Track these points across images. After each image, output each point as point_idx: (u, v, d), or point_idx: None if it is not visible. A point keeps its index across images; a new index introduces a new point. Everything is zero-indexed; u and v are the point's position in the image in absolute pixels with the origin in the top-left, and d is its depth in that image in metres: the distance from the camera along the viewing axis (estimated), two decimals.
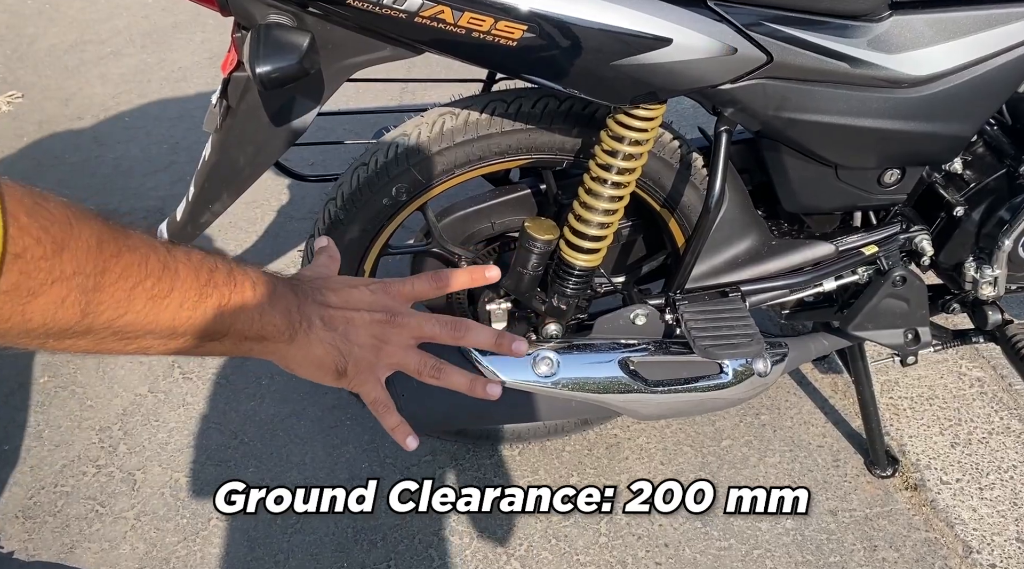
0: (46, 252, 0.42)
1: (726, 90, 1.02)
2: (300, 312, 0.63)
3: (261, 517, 1.47)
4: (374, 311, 0.67)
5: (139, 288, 0.49)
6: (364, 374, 0.68)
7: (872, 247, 1.27)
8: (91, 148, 2.47)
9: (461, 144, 1.16)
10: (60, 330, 0.46)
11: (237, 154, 1.09)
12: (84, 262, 0.45)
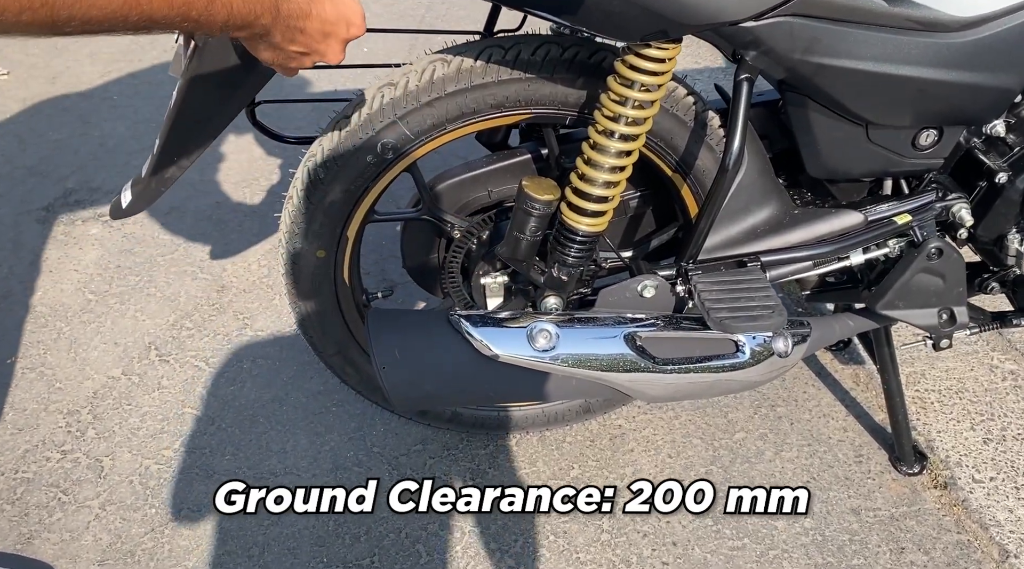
0: None
1: (748, 28, 0.91)
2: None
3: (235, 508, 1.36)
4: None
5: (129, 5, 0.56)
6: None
7: (905, 216, 1.16)
8: (76, 126, 2.37)
9: (453, 94, 1.05)
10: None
11: (204, 98, 0.98)
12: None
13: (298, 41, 0.76)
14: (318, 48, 0.78)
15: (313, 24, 0.75)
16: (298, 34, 0.76)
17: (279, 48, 0.77)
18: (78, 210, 2.04)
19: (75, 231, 1.97)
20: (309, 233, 1.15)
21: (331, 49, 0.79)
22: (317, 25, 0.76)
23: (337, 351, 1.30)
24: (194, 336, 1.69)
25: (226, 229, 1.98)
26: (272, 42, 0.75)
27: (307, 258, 1.18)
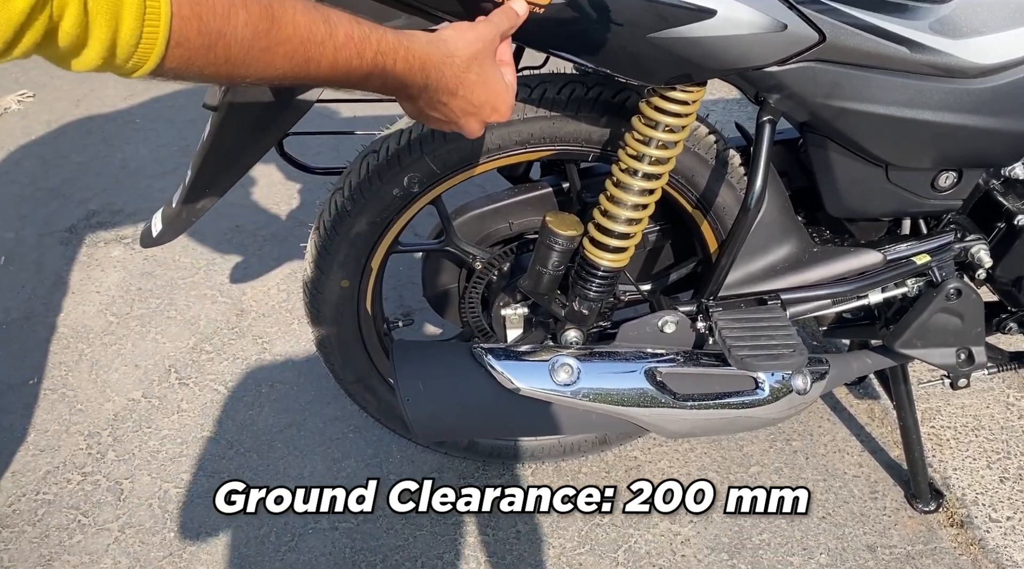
0: (205, 42, 0.53)
1: (772, 73, 0.93)
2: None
3: (253, 534, 1.37)
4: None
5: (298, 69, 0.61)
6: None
7: (923, 256, 1.17)
8: (99, 148, 2.41)
9: None
10: None
11: (237, 133, 1.00)
12: (243, 50, 0.56)
13: (440, 111, 0.78)
14: (458, 122, 0.80)
15: (458, 103, 0.77)
16: (441, 106, 0.77)
17: (421, 111, 0.78)
18: (100, 232, 2.07)
19: (97, 253, 2.00)
20: (334, 263, 1.17)
21: (470, 126, 0.81)
22: (462, 104, 0.78)
23: (357, 379, 1.32)
24: (213, 360, 1.71)
25: (246, 253, 2.00)
26: (416, 105, 0.77)
27: (331, 287, 1.20)
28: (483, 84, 0.78)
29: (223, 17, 0.53)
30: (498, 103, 0.80)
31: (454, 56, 0.74)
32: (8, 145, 2.38)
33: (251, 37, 0.56)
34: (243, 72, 0.57)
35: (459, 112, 0.78)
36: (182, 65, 0.53)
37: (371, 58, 0.66)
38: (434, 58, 0.72)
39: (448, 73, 0.74)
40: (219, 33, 0.54)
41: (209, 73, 0.55)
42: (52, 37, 0.47)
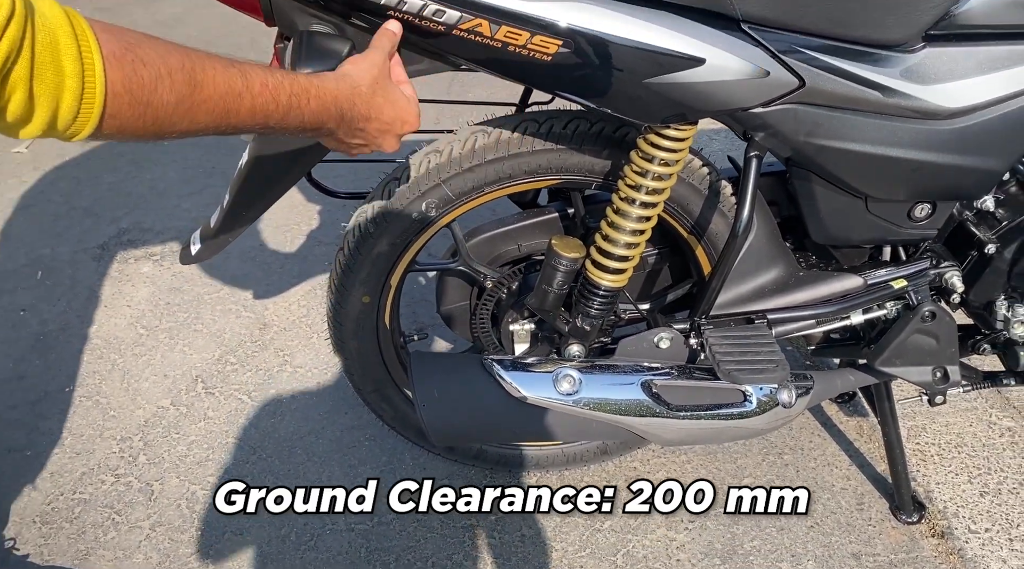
0: (136, 111, 0.61)
1: (757, 114, 1.03)
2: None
3: (275, 533, 1.47)
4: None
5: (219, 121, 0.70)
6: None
7: (901, 281, 1.26)
8: (129, 169, 2.52)
9: (492, 162, 1.17)
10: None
11: (273, 161, 1.11)
12: (168, 113, 0.63)
13: (359, 137, 0.88)
14: (376, 142, 0.90)
15: (372, 125, 0.87)
16: (359, 132, 0.87)
17: (342, 141, 0.88)
18: (131, 249, 2.18)
19: (128, 269, 2.11)
20: (357, 280, 1.27)
21: (387, 143, 0.91)
22: (376, 126, 0.88)
23: (375, 389, 1.41)
24: (238, 370, 1.81)
25: (269, 271, 2.11)
26: (336, 138, 0.87)
27: (353, 302, 1.30)
28: (390, 103, 0.88)
29: (151, 89, 0.61)
30: (406, 116, 0.91)
31: (360, 86, 0.84)
32: (44, 166, 2.51)
33: (175, 102, 0.64)
34: (170, 130, 0.66)
35: (376, 133, 0.89)
36: (115, 131, 0.61)
37: (286, 101, 0.75)
38: (344, 91, 0.82)
39: (359, 102, 0.84)
40: (147, 103, 0.61)
41: (140, 134, 0.64)
42: (1, 116, 0.55)
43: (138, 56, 0.61)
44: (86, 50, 0.57)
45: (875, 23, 1.00)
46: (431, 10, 0.90)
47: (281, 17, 0.96)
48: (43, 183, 2.44)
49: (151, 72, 0.61)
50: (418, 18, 0.91)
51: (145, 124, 0.63)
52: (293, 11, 0.95)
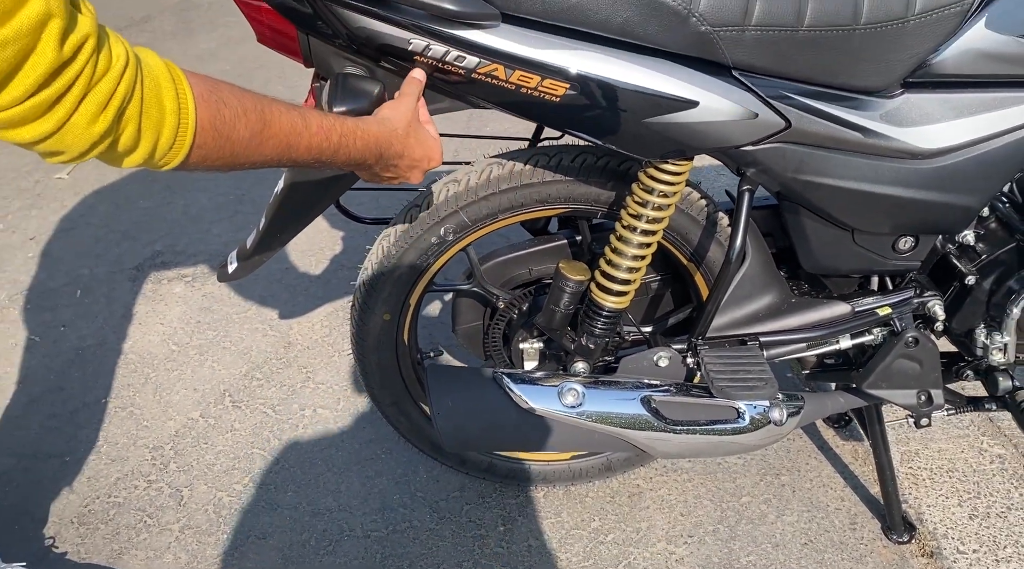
0: (218, 144, 0.73)
1: (748, 151, 1.13)
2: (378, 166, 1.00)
3: (295, 538, 1.55)
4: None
5: (282, 155, 0.82)
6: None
7: (886, 309, 1.35)
8: (163, 195, 2.66)
9: (506, 191, 1.28)
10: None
11: (306, 189, 1.22)
12: (243, 147, 0.76)
13: (391, 171, 1.02)
14: (405, 176, 1.04)
15: (404, 161, 1.01)
16: (392, 167, 1.01)
17: (377, 174, 1.02)
18: (164, 271, 2.30)
19: (161, 289, 2.23)
20: (379, 299, 1.37)
21: (414, 176, 1.05)
22: (407, 162, 1.01)
23: (393, 402, 1.51)
24: (263, 386, 1.91)
25: (294, 292, 2.22)
26: (373, 171, 1.01)
27: (375, 320, 1.40)
28: (420, 143, 1.02)
29: (231, 125, 0.74)
30: (432, 154, 1.04)
31: (397, 129, 0.97)
32: (84, 190, 2.64)
33: (249, 137, 0.76)
34: (243, 161, 0.78)
35: (406, 168, 1.02)
36: (199, 160, 0.73)
37: (336, 141, 0.88)
38: (384, 135, 0.95)
39: (395, 143, 0.97)
40: (227, 137, 0.74)
41: (218, 164, 0.77)
42: (113, 148, 0.67)
43: (221, 98, 0.73)
44: (181, 92, 0.69)
45: (855, 72, 1.10)
46: (452, 56, 1.01)
47: (319, 60, 1.08)
48: (83, 207, 2.57)
49: (231, 111, 0.74)
50: (441, 63, 1.02)
51: (223, 155, 0.75)
52: (330, 55, 1.06)
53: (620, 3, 0.99)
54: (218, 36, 3.79)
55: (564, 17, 0.99)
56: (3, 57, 0.56)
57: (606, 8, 0.99)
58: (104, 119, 0.64)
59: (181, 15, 4.03)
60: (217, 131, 0.73)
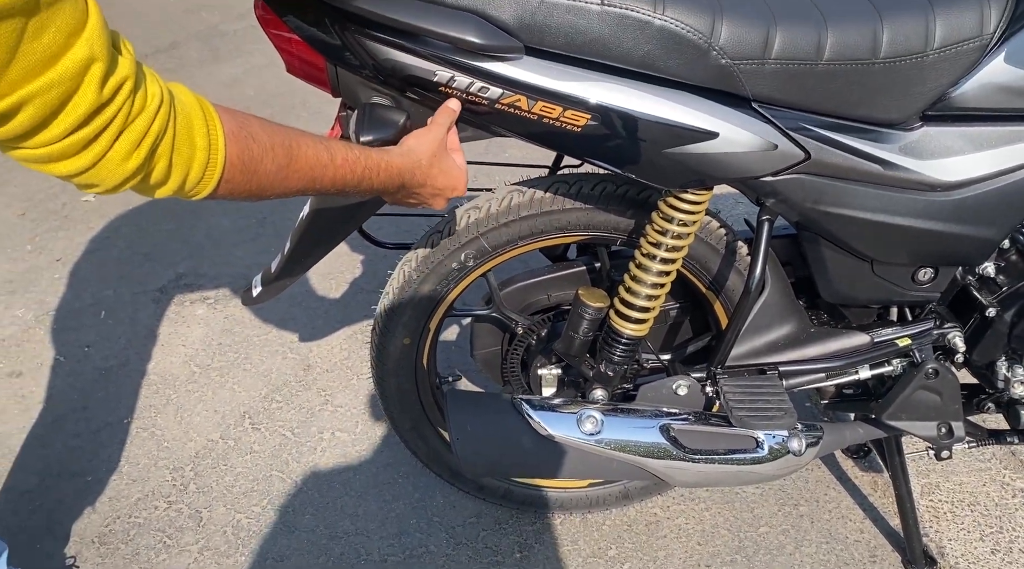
0: (245, 178, 0.76)
1: (767, 182, 1.14)
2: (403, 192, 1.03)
3: (313, 561, 1.56)
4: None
5: (307, 187, 0.86)
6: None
7: (905, 340, 1.35)
8: (187, 218, 2.69)
9: (526, 218, 1.29)
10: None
11: (331, 215, 1.24)
12: (269, 180, 0.79)
13: (414, 198, 1.05)
14: (428, 202, 1.07)
15: (427, 190, 1.04)
16: (415, 195, 1.04)
17: (400, 201, 1.06)
18: (187, 293, 2.33)
19: (184, 311, 2.26)
20: (400, 323, 1.38)
21: (437, 203, 1.09)
22: (429, 190, 1.04)
23: (412, 426, 1.51)
24: (282, 408, 1.92)
25: (313, 315, 2.24)
26: (396, 198, 1.04)
27: (395, 344, 1.41)
28: (444, 173, 1.04)
29: (258, 160, 0.78)
30: (456, 183, 1.07)
31: (420, 161, 1.00)
32: (109, 213, 2.69)
33: (275, 171, 0.80)
34: (269, 193, 0.82)
35: (428, 196, 1.05)
36: (227, 193, 0.77)
37: (360, 173, 0.91)
38: (407, 166, 0.98)
39: (418, 173, 1.00)
40: (254, 171, 0.78)
41: (245, 195, 0.80)
42: (145, 181, 0.71)
43: (250, 133, 0.76)
44: (212, 128, 0.72)
45: (875, 104, 1.11)
46: (477, 87, 1.03)
47: (346, 90, 1.10)
48: (108, 230, 2.61)
49: (259, 146, 0.77)
50: (465, 93, 1.04)
51: (250, 188, 0.78)
52: (357, 85, 1.09)
53: (642, 37, 1.00)
54: (243, 63, 3.86)
55: (587, 50, 1.01)
56: (47, 99, 0.59)
57: (628, 41, 1.01)
58: (138, 156, 0.67)
59: (207, 42, 4.10)
60: (245, 165, 0.76)
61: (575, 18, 1.00)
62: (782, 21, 1.05)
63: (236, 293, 2.32)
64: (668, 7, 1.00)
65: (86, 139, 0.63)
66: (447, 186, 1.06)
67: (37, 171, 0.66)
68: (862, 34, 1.07)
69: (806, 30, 1.05)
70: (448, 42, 0.99)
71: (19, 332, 2.16)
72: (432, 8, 0.98)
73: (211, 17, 4.44)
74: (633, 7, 1.00)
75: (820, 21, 1.06)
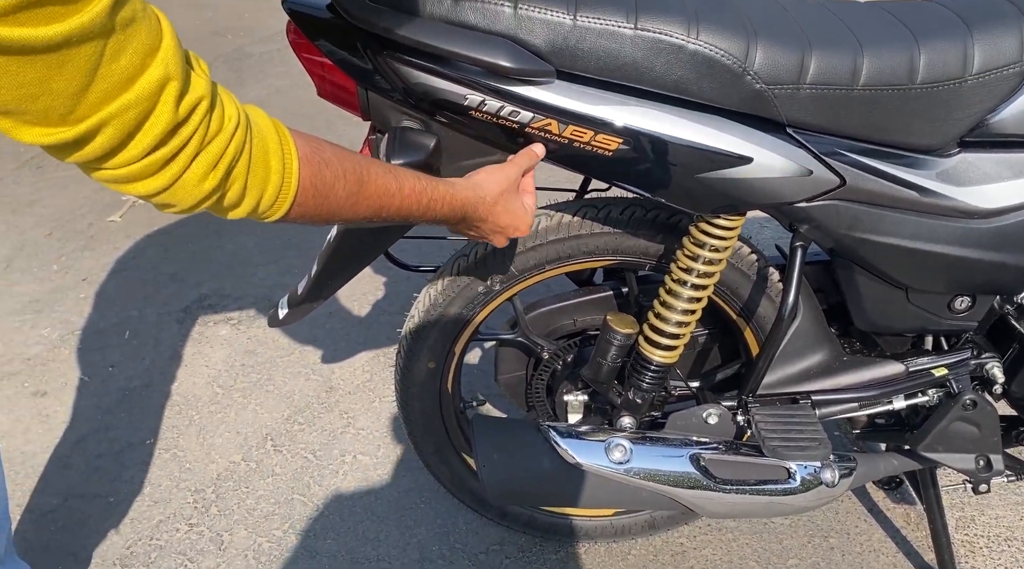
0: (316, 202, 0.77)
1: (801, 208, 1.12)
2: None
3: None
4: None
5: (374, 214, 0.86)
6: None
7: (942, 370, 1.31)
8: (211, 239, 2.71)
9: (553, 242, 1.28)
10: None
11: (360, 237, 1.23)
12: (339, 205, 0.80)
13: (475, 231, 1.05)
14: (488, 237, 1.08)
15: (488, 226, 1.04)
16: (475, 229, 1.05)
17: (460, 231, 1.06)
18: (211, 313, 2.34)
19: (207, 331, 2.26)
20: (425, 347, 1.37)
21: (497, 240, 1.08)
22: (491, 227, 1.04)
23: (435, 450, 1.50)
24: (304, 430, 1.91)
25: (336, 337, 2.24)
26: (457, 228, 1.05)
27: (420, 368, 1.40)
28: (507, 213, 1.04)
29: (330, 185, 0.78)
30: (519, 224, 1.07)
31: (485, 197, 1.00)
32: (135, 234, 2.71)
33: (345, 197, 0.80)
34: (338, 218, 0.82)
35: (488, 232, 1.06)
36: (298, 216, 0.77)
37: (425, 204, 0.92)
38: (471, 200, 0.98)
39: (481, 208, 1.00)
40: (326, 196, 0.78)
41: (316, 219, 0.81)
42: (220, 202, 0.71)
43: (323, 158, 0.77)
44: (287, 152, 0.73)
45: (911, 130, 1.09)
46: (507, 111, 1.02)
47: (376, 113, 1.10)
48: (134, 250, 2.63)
49: (332, 172, 0.77)
50: (495, 117, 1.04)
51: (321, 212, 0.79)
52: (387, 109, 1.08)
53: (675, 61, 0.99)
54: (267, 86, 3.90)
55: (619, 74, 1.00)
56: (125, 120, 0.60)
57: (661, 66, 1.00)
58: (214, 177, 0.66)
59: (233, 64, 4.15)
60: (317, 190, 0.76)
61: (608, 42, 0.99)
62: (817, 46, 1.04)
63: (259, 314, 2.32)
64: (702, 31, 0.99)
65: (163, 159, 0.63)
66: (509, 225, 1.06)
67: (116, 191, 0.67)
68: (899, 59, 1.05)
69: (842, 55, 1.04)
70: (480, 66, 0.98)
71: (44, 351, 2.17)
72: (464, 32, 0.98)
73: (237, 40, 4.50)
74: (667, 31, 0.99)
75: (856, 46, 1.05)
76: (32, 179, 3.01)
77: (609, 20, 0.98)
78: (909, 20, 1.11)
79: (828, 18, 1.10)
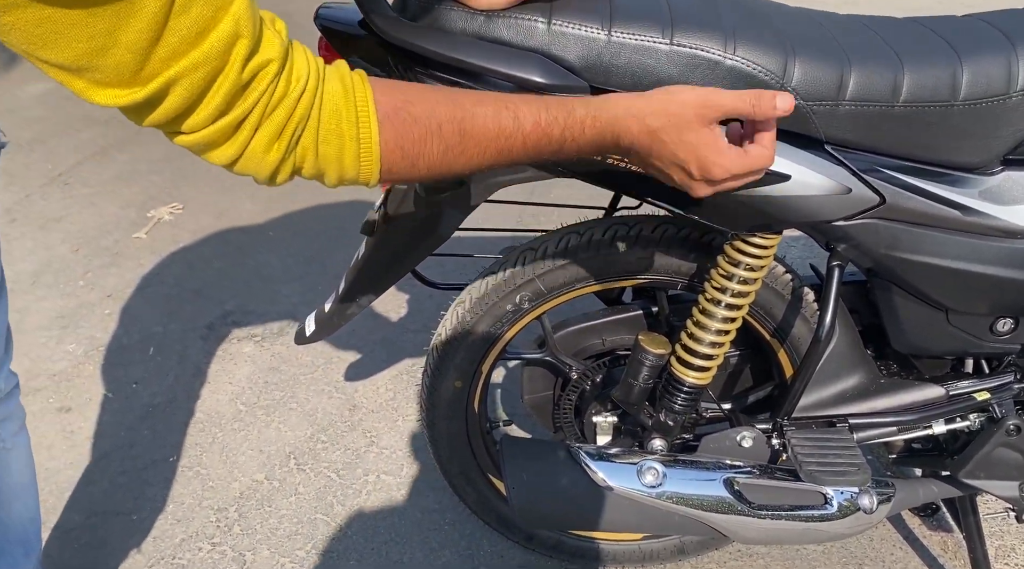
0: (408, 164, 0.71)
1: (840, 226, 1.10)
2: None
3: None
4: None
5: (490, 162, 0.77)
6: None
7: (984, 394, 1.28)
8: (236, 256, 2.71)
9: (584, 260, 1.26)
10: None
11: (388, 255, 1.22)
12: (437, 161, 0.73)
13: (653, 167, 0.87)
14: (672, 179, 0.88)
15: (658, 158, 0.85)
16: (647, 164, 0.88)
17: (640, 165, 0.89)
18: (235, 330, 2.33)
19: (231, 348, 2.26)
20: (452, 365, 1.35)
21: (682, 180, 0.87)
22: (666, 158, 0.84)
23: (460, 471, 1.47)
24: (328, 449, 1.90)
25: (360, 355, 2.22)
26: (633, 161, 0.89)
27: (446, 387, 1.38)
28: (684, 144, 0.81)
29: (420, 144, 0.71)
30: (719, 159, 0.83)
31: (645, 118, 0.81)
32: (160, 250, 2.72)
33: (443, 151, 0.73)
34: (446, 173, 0.75)
35: (666, 166, 0.85)
36: (397, 179, 0.73)
37: (559, 135, 0.78)
38: (620, 118, 0.81)
39: (635, 129, 0.81)
40: (417, 155, 0.71)
41: (417, 178, 0.75)
42: (300, 173, 0.69)
43: (410, 114, 0.70)
44: (363, 115, 0.68)
45: (953, 148, 1.07)
46: None
47: None
48: (159, 266, 2.64)
49: (421, 129, 0.71)
50: None
51: (419, 172, 0.73)
52: None
53: (712, 77, 0.98)
54: None
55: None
56: (194, 79, 0.58)
57: (697, 82, 0.98)
58: (278, 148, 0.64)
59: None
60: (404, 152, 0.70)
61: (643, 58, 0.97)
62: (856, 61, 1.02)
63: (283, 331, 2.31)
64: (739, 47, 0.98)
65: (232, 126, 0.62)
66: (692, 160, 0.82)
67: (204, 160, 0.65)
68: (940, 75, 1.03)
69: (882, 71, 1.02)
70: (513, 82, 0.97)
71: (69, 367, 2.17)
72: (497, 48, 0.97)
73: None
74: (703, 47, 0.97)
75: (896, 62, 1.03)
76: (60, 196, 3.04)
77: (644, 36, 0.97)
78: (950, 35, 1.08)
79: (867, 34, 1.08)
